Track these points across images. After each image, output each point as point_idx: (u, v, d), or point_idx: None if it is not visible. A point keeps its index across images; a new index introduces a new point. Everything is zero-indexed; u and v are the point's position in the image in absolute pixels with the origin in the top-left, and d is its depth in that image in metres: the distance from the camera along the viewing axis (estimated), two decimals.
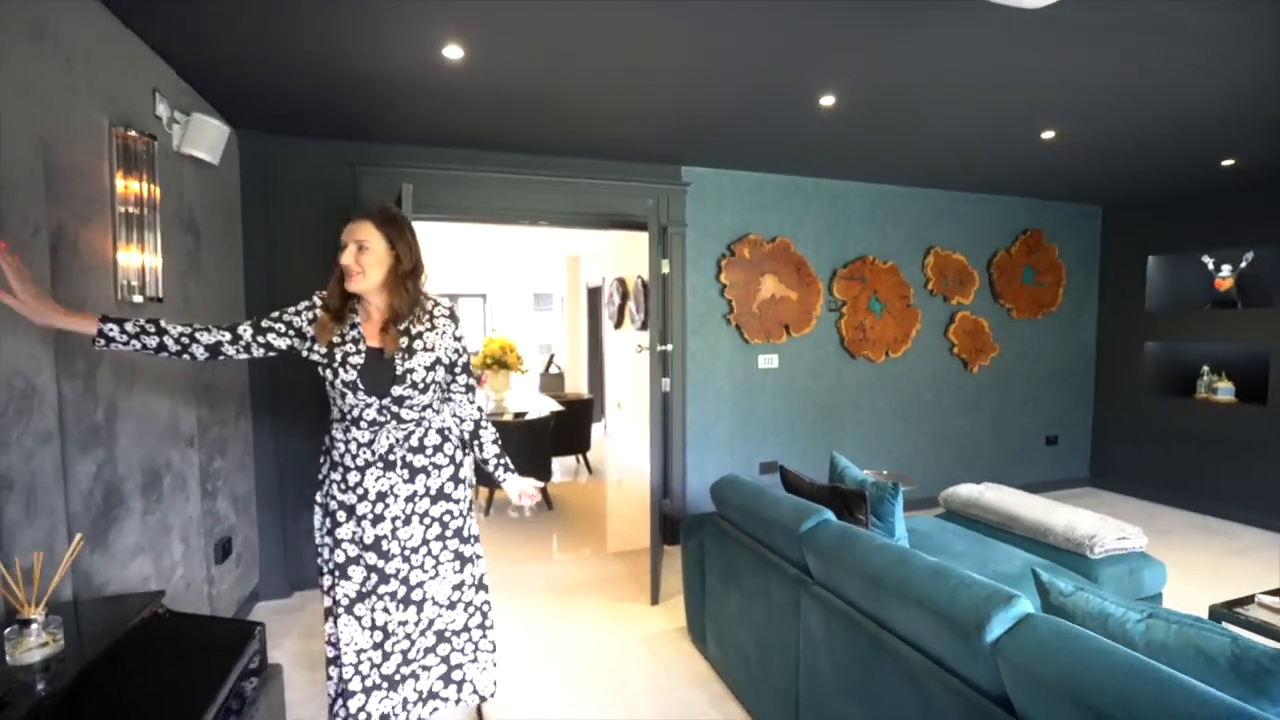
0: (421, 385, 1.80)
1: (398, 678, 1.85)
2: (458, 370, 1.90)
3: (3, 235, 1.44)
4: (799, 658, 1.90)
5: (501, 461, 2.00)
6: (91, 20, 1.88)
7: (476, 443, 1.99)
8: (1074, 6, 1.94)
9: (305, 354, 1.81)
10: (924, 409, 4.84)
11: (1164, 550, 3.66)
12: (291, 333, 1.79)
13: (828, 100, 2.81)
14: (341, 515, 1.82)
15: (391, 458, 1.81)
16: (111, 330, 1.53)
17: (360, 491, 1.80)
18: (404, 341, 1.78)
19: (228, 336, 1.72)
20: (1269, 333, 4.30)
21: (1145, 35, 2.20)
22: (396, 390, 1.77)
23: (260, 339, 1.77)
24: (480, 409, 1.99)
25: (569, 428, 5.66)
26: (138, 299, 2.06)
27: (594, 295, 8.71)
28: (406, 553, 1.84)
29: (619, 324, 7.23)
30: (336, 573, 1.83)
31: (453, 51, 2.29)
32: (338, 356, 1.76)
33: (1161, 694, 1.02)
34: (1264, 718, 0.93)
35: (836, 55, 2.38)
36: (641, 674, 2.59)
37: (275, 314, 1.80)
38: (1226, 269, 4.62)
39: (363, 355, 1.77)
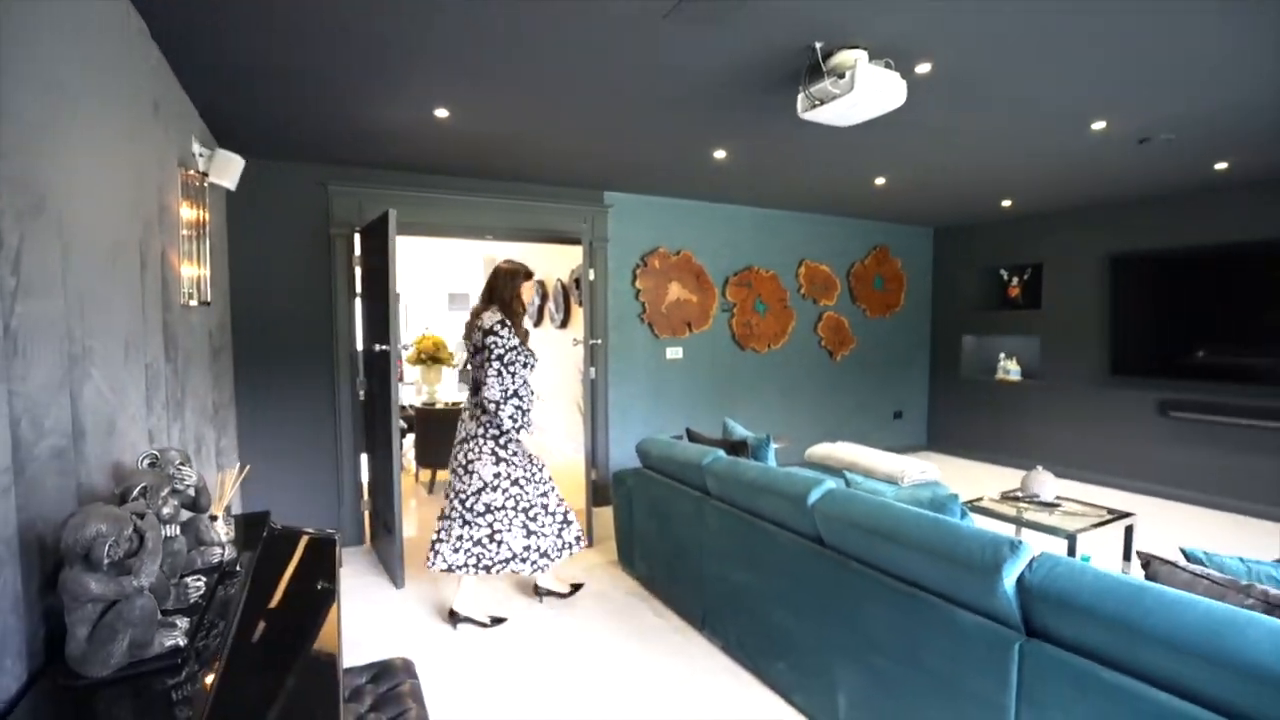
0: None
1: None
2: None
3: (146, 262, 2.02)
4: (702, 550, 2.80)
5: None
6: (172, 87, 2.43)
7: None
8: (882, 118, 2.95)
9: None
10: (799, 390, 5.96)
11: (962, 488, 4.92)
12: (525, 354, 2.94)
13: (720, 154, 3.75)
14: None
15: None
16: None
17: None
18: None
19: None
20: (1038, 327, 5.78)
21: (933, 131, 3.28)
22: None
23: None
24: None
25: None
26: (194, 303, 2.61)
27: None
28: None
29: (538, 323, 7.92)
30: (537, 485, 3.01)
31: (441, 112, 2.99)
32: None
33: (886, 511, 1.97)
34: (923, 511, 1.89)
35: (725, 130, 3.30)
36: (586, 591, 3.39)
37: (517, 353, 2.88)
38: (1015, 280, 6.09)
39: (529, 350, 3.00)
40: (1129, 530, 3.14)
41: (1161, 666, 1.29)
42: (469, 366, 3.05)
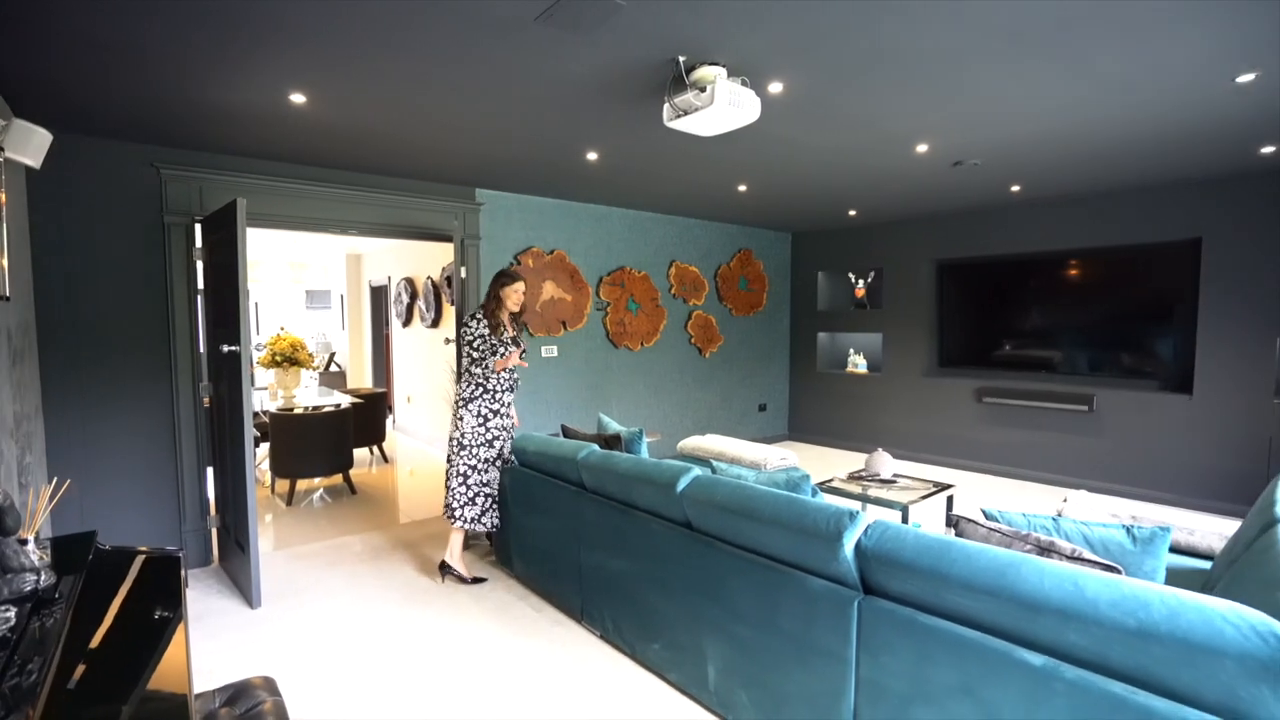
0: None
1: None
2: None
3: None
4: (579, 542, 2.86)
5: None
6: None
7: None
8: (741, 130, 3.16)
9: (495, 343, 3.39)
10: (671, 386, 6.21)
11: (818, 471, 5.39)
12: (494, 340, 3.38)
13: (592, 156, 3.83)
14: (492, 417, 3.43)
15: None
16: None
17: (504, 403, 3.47)
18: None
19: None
20: (880, 325, 6.45)
21: (786, 144, 3.56)
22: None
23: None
24: None
25: (364, 420, 5.99)
26: None
27: (378, 294, 8.86)
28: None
29: (407, 322, 7.60)
30: (486, 446, 3.43)
31: (297, 98, 2.81)
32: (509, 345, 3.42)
33: (745, 492, 2.15)
34: (779, 491, 2.09)
35: (596, 132, 3.38)
36: (463, 591, 3.34)
37: (484, 340, 3.36)
38: (861, 282, 6.74)
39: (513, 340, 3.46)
40: (950, 499, 3.63)
41: (964, 606, 1.54)
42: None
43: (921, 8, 2.07)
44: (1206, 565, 2.13)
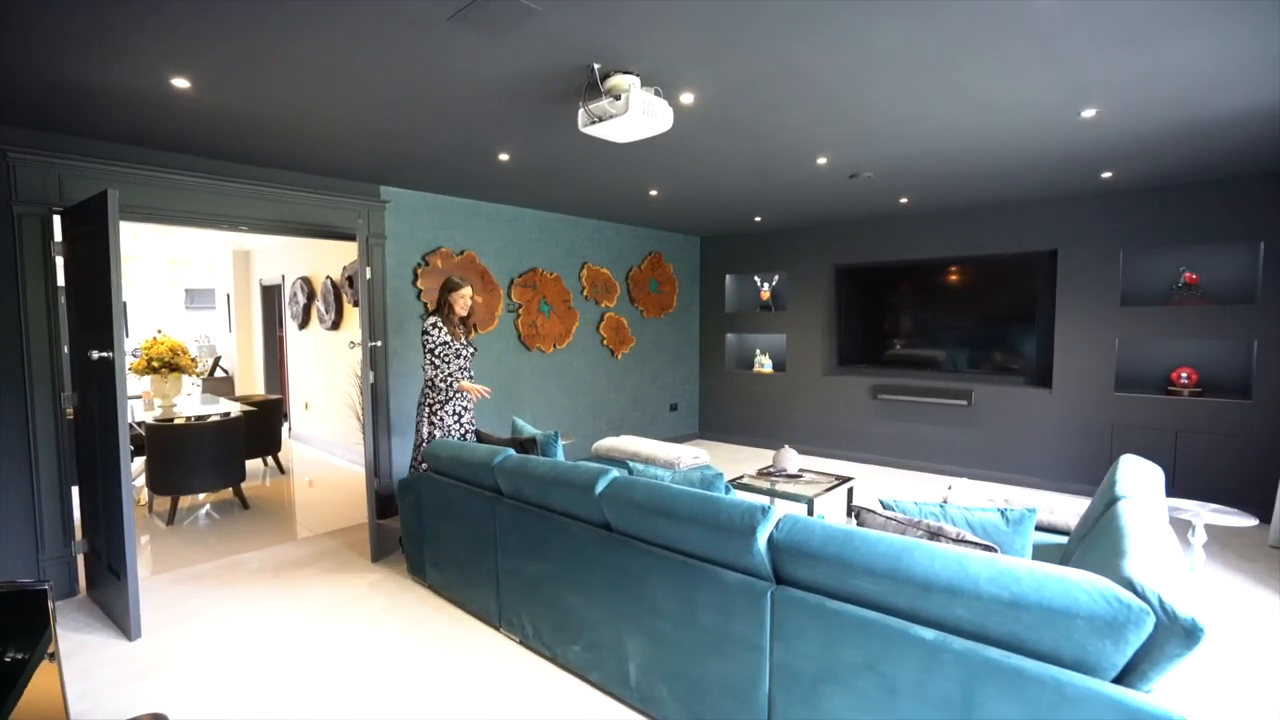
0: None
1: None
2: None
3: None
4: (497, 548, 2.83)
5: None
6: None
7: None
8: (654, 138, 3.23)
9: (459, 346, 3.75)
10: (584, 387, 6.22)
11: (729, 468, 5.59)
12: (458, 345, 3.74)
13: (504, 157, 3.78)
14: (465, 413, 3.74)
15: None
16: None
17: (467, 399, 3.79)
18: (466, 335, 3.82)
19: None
20: (784, 326, 6.76)
21: (697, 152, 3.68)
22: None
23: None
24: None
25: (257, 429, 5.59)
26: None
27: (270, 293, 8.29)
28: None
29: (304, 324, 7.16)
30: (457, 430, 3.72)
31: (180, 82, 2.60)
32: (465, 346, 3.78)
33: (662, 492, 2.21)
34: (694, 490, 2.17)
35: (509, 134, 3.35)
36: (375, 604, 3.21)
37: (447, 347, 3.67)
38: (766, 285, 7.04)
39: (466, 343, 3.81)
40: (850, 491, 3.88)
41: (866, 590, 1.67)
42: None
43: (823, 31, 2.22)
44: (1064, 540, 2.41)
